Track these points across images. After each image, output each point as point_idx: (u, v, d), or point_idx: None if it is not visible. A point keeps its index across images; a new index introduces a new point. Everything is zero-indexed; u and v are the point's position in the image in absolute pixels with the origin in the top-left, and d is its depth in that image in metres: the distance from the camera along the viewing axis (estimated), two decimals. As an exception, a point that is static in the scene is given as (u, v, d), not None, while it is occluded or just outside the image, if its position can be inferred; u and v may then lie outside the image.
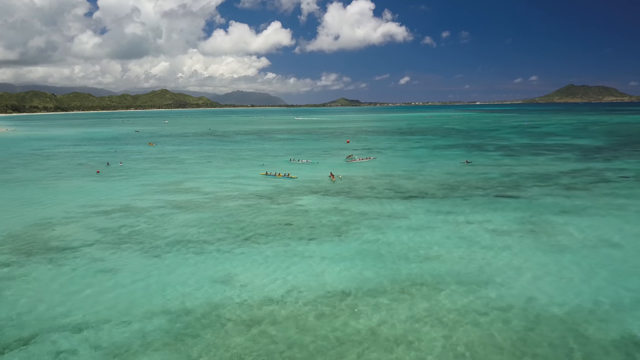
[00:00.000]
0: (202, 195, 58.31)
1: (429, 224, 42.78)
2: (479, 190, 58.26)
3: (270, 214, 47.48)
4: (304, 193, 58.41)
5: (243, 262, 33.44)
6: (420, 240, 37.80)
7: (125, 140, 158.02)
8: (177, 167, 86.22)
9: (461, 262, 32.53)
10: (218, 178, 71.83)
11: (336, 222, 43.88)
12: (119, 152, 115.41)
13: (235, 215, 47.05)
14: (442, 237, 38.64)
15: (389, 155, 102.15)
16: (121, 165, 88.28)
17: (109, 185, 66.22)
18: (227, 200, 54.55)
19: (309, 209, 49.66)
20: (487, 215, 45.48)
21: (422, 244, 36.82)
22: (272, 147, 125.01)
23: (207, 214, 48.01)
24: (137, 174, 77.04)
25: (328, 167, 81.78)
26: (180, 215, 47.43)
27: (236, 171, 79.45)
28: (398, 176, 70.68)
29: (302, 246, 36.74)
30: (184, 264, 33.19)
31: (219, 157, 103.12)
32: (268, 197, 56.07)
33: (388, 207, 49.90)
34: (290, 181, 67.73)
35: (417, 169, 77.72)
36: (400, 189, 60.26)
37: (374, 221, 43.91)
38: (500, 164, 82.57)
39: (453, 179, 67.38)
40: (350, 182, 65.65)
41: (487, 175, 69.88)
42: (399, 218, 44.98)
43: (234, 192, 60.05)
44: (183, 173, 77.91)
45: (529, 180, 65.19)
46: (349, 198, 54.88)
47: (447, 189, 59.76)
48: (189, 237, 39.57)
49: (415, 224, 42.65)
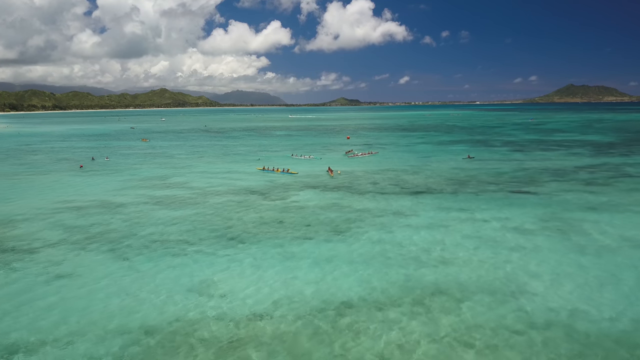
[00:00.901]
0: (189, 190, 53.22)
1: (441, 221, 37.73)
2: (491, 186, 53.23)
3: (262, 211, 42.41)
4: (300, 188, 53.35)
5: (226, 266, 28.37)
6: (433, 240, 32.75)
7: (118, 136, 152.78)
8: (166, 161, 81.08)
9: (484, 267, 27.49)
10: (208, 173, 66.73)
11: (336, 219, 38.82)
12: (108, 148, 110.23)
13: (222, 212, 41.98)
14: (459, 236, 33.59)
15: (391, 150, 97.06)
16: (107, 160, 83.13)
17: (89, 180, 61.08)
18: (215, 196, 49.47)
19: (305, 205, 44.61)
20: (506, 212, 40.45)
21: (435, 244, 31.77)
22: (269, 143, 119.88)
23: (191, 210, 42.93)
24: (122, 169, 71.92)
25: (331, 162, 76.71)
26: (161, 212, 42.35)
27: (229, 166, 74.35)
28: (402, 171, 65.63)
29: (296, 247, 31.67)
30: (156, 268, 28.11)
31: (212, 152, 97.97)
32: (260, 193, 50.99)
33: (394, 203, 44.86)
34: (285, 176, 62.66)
35: (422, 164, 72.68)
36: (405, 184, 55.22)
37: (378, 219, 38.86)
38: (511, 159, 77.53)
39: (462, 173, 62.34)
40: (351, 177, 60.60)
41: (498, 170, 64.83)
42: (407, 215, 39.94)
43: (223, 187, 54.97)
44: (172, 168, 72.78)
45: (545, 175, 60.16)
46: (350, 194, 49.83)
47: (456, 184, 54.73)
48: (167, 237, 34.49)
49: (425, 222, 37.59)
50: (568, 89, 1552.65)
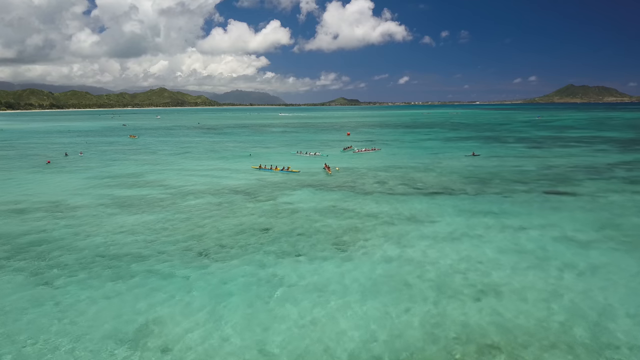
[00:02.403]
0: (163, 190, 45.26)
1: (467, 229, 29.81)
2: (519, 185, 45.32)
3: (244, 215, 34.45)
4: (295, 187, 45.42)
5: (181, 298, 20.41)
6: (461, 257, 24.82)
7: (106, 133, 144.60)
8: (147, 158, 73.06)
9: (539, 299, 19.56)
10: (191, 170, 58.74)
11: (336, 228, 30.87)
12: (90, 144, 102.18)
13: (195, 218, 34.01)
14: (493, 251, 25.66)
15: (395, 146, 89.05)
16: (81, 156, 75.26)
17: (49, 178, 53.05)
18: (192, 197, 41.51)
19: (298, 208, 36.67)
20: (545, 217, 32.55)
21: (465, 263, 23.84)
22: (263, 139, 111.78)
23: (158, 215, 34.96)
24: (94, 165, 63.89)
25: (332, 159, 68.78)
26: (120, 217, 34.36)
27: (216, 163, 66.36)
28: (410, 168, 57.67)
29: (281, 268, 23.72)
30: (84, 301, 20.16)
31: (200, 148, 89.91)
32: (246, 193, 43.04)
33: (405, 206, 36.92)
34: (277, 174, 54.70)
35: (432, 161, 64.69)
36: (416, 183, 47.29)
37: (388, 227, 30.92)
38: (531, 156, 69.59)
39: (479, 171, 54.41)
40: (354, 175, 52.65)
41: (521, 168, 56.89)
42: (423, 222, 32.01)
43: (204, 187, 47.01)
44: (151, 164, 64.79)
45: (577, 173, 52.24)
46: (353, 194, 41.89)
47: (475, 182, 46.83)
48: (116, 251, 26.53)
49: (447, 231, 29.67)
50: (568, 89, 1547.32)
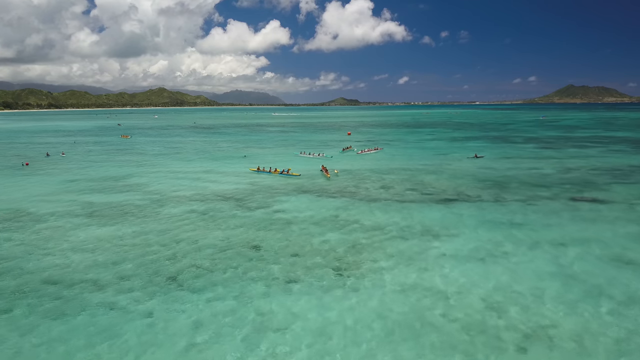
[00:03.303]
0: (143, 195, 40.36)
1: (496, 246, 24.95)
2: (540, 190, 40.48)
3: (232, 228, 29.56)
4: (291, 193, 40.55)
5: (137, 343, 15.49)
6: (497, 284, 19.95)
7: (97, 133, 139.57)
8: (133, 159, 68.16)
9: (624, 352, 14.68)
10: (179, 173, 53.85)
11: (338, 245, 25.98)
12: (79, 144, 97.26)
13: (174, 230, 29.12)
14: (535, 277, 20.78)
15: (399, 147, 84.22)
16: (63, 156, 70.42)
17: (21, 181, 48.09)
18: (173, 205, 36.62)
19: (294, 219, 31.80)
20: (584, 231, 27.72)
21: (504, 294, 18.97)
22: (260, 139, 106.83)
23: (131, 226, 30.07)
24: (74, 167, 58.98)
25: (340, 160, 63.99)
26: (87, 230, 29.45)
27: (206, 165, 61.46)
28: (417, 170, 52.82)
29: (272, 302, 18.81)
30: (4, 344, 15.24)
31: (192, 148, 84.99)
32: (236, 200, 38.16)
33: (417, 215, 32.06)
34: (275, 178, 49.85)
35: (440, 162, 59.83)
36: (426, 187, 42.44)
37: (400, 243, 26.04)
38: (545, 157, 64.80)
39: (494, 174, 49.58)
40: (356, 179, 47.81)
41: (539, 171, 52.07)
42: (440, 236, 27.14)
43: (190, 192, 42.13)
44: (137, 166, 59.88)
45: (604, 176, 47.44)
46: (356, 201, 37.02)
47: (492, 187, 41.99)
48: (69, 275, 21.63)
49: (471, 248, 24.79)
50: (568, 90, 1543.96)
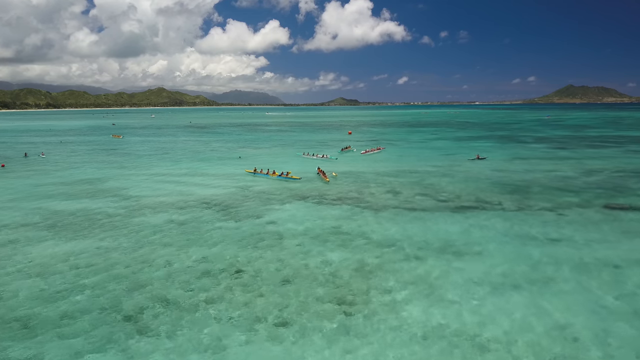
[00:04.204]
0: (118, 202, 35.61)
1: (534, 269, 20.26)
2: (567, 196, 35.81)
3: (213, 244, 24.82)
4: (286, 199, 35.83)
5: None
6: (547, 326, 15.25)
7: (88, 132, 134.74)
8: (118, 159, 63.40)
9: None
10: (164, 175, 49.13)
11: (338, 268, 21.25)
12: (65, 144, 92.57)
13: (145, 247, 24.37)
14: (595, 315, 16.09)
15: (402, 147, 79.51)
16: (43, 157, 65.78)
17: (-13, 186, 43.33)
18: (151, 213, 31.87)
19: (288, 232, 27.06)
20: (637, 247, 23.04)
21: (563, 343, 14.27)
22: (257, 139, 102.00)
23: (95, 241, 25.31)
24: (52, 169, 54.23)
25: (343, 163, 59.35)
26: (42, 246, 24.69)
27: (196, 166, 56.71)
28: (425, 173, 48.12)
29: (252, 355, 14.05)
30: None
31: (184, 148, 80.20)
32: (223, 208, 33.43)
33: (432, 228, 27.36)
34: (267, 181, 45.17)
35: (449, 164, 55.14)
36: (437, 193, 37.73)
37: (416, 264, 21.32)
38: (561, 158, 60.13)
39: (512, 177, 44.90)
40: (358, 182, 43.10)
41: (559, 174, 47.41)
42: (464, 255, 22.43)
43: (173, 197, 37.40)
44: (119, 168, 55.12)
45: (631, 179, 42.80)
46: (360, 210, 32.29)
47: (512, 192, 37.30)
48: (2, 310, 16.91)
49: (504, 272, 20.09)
50: (567, 90, 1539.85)
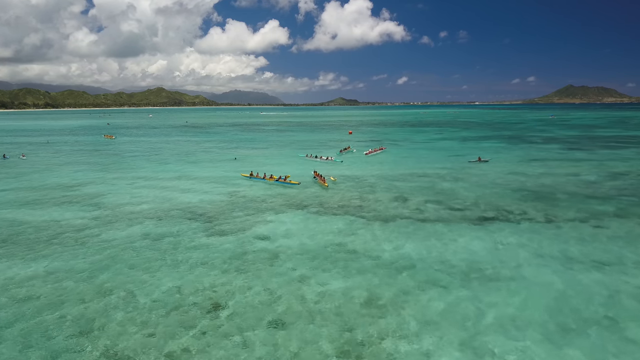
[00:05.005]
0: (90, 211, 31.26)
1: (593, 306, 15.97)
2: (603, 204, 31.54)
3: (190, 267, 20.46)
4: (281, 209, 31.51)
5: None
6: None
7: (79, 132, 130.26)
8: (102, 161, 59.07)
9: None
10: (147, 179, 44.80)
11: (342, 304, 16.92)
12: (52, 143, 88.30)
13: (109, 269, 20.04)
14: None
15: (406, 147, 75.18)
16: (23, 159, 61.52)
17: (-52, 191, 38.95)
18: (123, 225, 27.53)
19: (280, 250, 22.72)
20: None
21: None
22: (254, 138, 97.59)
23: (49, 261, 20.97)
24: (28, 171, 49.90)
25: (344, 165, 55.07)
26: (-21, 268, 20.35)
27: (186, 169, 52.38)
28: (435, 177, 43.81)
29: None
30: None
31: (176, 149, 75.83)
32: (207, 219, 29.09)
33: (451, 245, 23.04)
34: (262, 186, 40.87)
35: (458, 166, 50.84)
36: (450, 200, 33.41)
37: (438, 297, 17.01)
38: (578, 160, 55.84)
39: (531, 181, 40.61)
40: (361, 188, 38.76)
41: (582, 177, 43.15)
42: (495, 283, 18.16)
43: (153, 205, 33.06)
44: (101, 170, 50.77)
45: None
46: (365, 222, 27.94)
47: (535, 199, 33.00)
48: None
49: (554, 310, 15.87)
50: (567, 90, 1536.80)
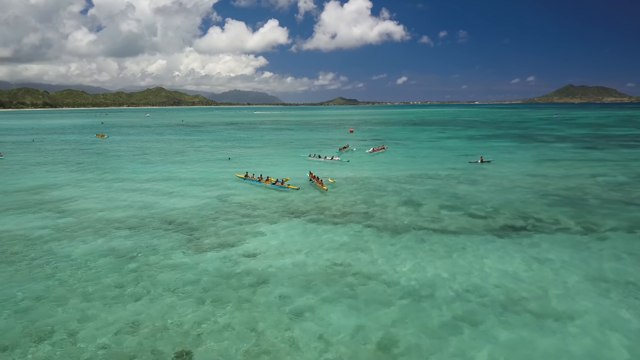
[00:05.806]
0: (53, 220, 27.12)
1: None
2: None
3: (155, 297, 16.31)
4: (273, 217, 27.38)
5: None
6: None
7: (69, 131, 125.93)
8: (85, 160, 54.92)
9: None
10: (128, 182, 40.64)
11: (346, 349, 12.73)
12: (38, 142, 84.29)
13: (53, 297, 15.93)
14: None
15: (410, 147, 71.03)
16: (0, 158, 57.58)
17: None
18: (90, 237, 23.38)
19: (269, 272, 18.58)
20: None
21: None
22: (252, 137, 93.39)
23: None
24: (4, 172, 45.79)
25: (344, 165, 50.96)
26: None
27: (174, 170, 48.23)
28: (447, 179, 39.69)
29: None
30: None
31: (167, 148, 71.65)
32: (188, 230, 24.95)
33: (476, 264, 18.97)
34: (258, 190, 36.72)
35: (471, 168, 46.75)
36: (468, 206, 29.30)
37: (472, 345, 12.82)
38: (601, 160, 51.76)
39: (554, 185, 36.50)
40: (364, 191, 34.61)
41: (611, 179, 39.07)
42: (545, 320, 14.07)
43: (128, 212, 28.91)
44: (79, 171, 46.64)
45: None
46: (371, 233, 23.81)
47: (565, 204, 28.92)
48: None
49: None
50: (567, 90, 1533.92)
